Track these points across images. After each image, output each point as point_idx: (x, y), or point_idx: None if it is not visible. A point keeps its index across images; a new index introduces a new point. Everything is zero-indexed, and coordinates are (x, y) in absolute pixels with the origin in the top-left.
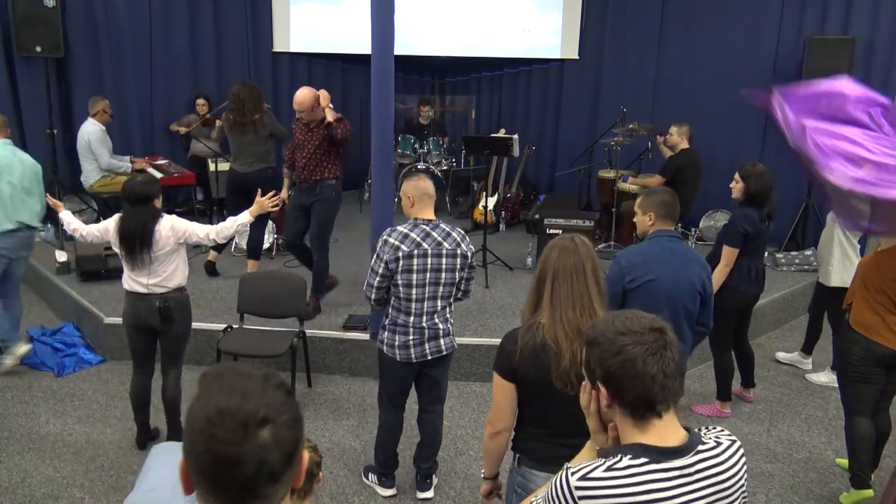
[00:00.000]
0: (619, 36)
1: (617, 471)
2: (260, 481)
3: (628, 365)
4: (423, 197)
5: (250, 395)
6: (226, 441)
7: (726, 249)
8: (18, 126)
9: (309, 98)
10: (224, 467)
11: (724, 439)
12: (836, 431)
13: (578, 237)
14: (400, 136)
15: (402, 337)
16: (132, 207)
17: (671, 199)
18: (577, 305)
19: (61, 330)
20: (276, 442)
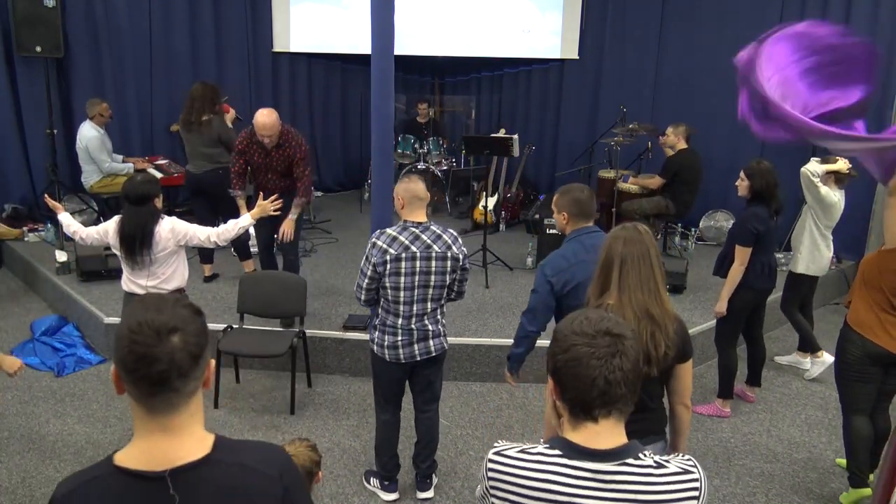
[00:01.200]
0: (619, 36)
1: (527, 454)
2: (172, 375)
3: (572, 364)
4: (412, 199)
5: (163, 311)
6: (144, 344)
7: (739, 249)
8: (18, 126)
9: (277, 122)
10: (143, 364)
11: (674, 465)
12: (836, 431)
13: (641, 226)
14: (400, 136)
15: (391, 337)
16: (132, 207)
17: (585, 195)
18: (644, 288)
19: (61, 330)
20: (183, 345)
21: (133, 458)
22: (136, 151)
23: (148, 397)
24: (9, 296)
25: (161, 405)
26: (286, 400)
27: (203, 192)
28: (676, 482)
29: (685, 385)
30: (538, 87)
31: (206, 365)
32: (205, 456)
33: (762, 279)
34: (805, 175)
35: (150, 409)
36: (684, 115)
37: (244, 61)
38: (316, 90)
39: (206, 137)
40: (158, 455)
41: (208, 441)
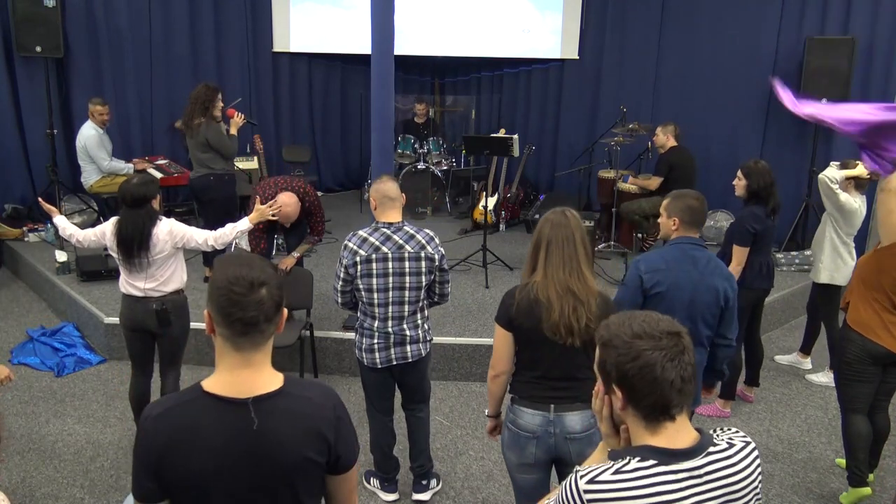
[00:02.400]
0: (619, 36)
1: (625, 473)
2: (260, 319)
3: (647, 370)
4: (383, 200)
5: (254, 268)
6: (240, 294)
7: (737, 249)
8: (18, 126)
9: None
10: (237, 309)
11: (738, 441)
12: (836, 431)
13: (569, 210)
14: (400, 136)
15: (368, 340)
16: (129, 210)
17: (699, 204)
18: (566, 268)
19: (61, 330)
20: (269, 296)
21: (220, 386)
22: (136, 151)
23: (239, 336)
24: (9, 296)
25: (247, 344)
26: None
27: (196, 197)
28: (748, 456)
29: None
30: (538, 87)
31: (282, 311)
32: (279, 388)
33: (760, 279)
34: (823, 182)
35: (237, 347)
36: (684, 115)
37: (244, 61)
38: (316, 90)
39: (198, 141)
40: (241, 385)
41: (280, 377)
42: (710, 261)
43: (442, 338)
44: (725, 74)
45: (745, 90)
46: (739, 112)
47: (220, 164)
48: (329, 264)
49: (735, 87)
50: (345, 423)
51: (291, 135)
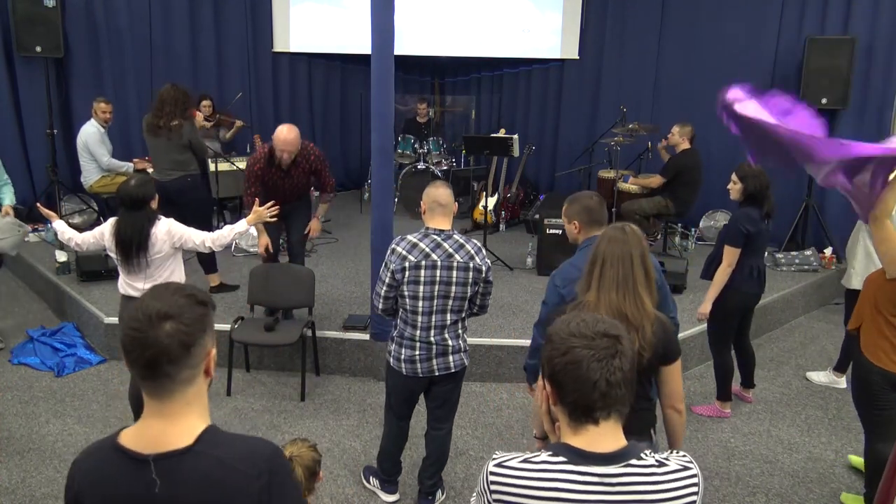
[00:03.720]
0: (619, 36)
1: (531, 464)
2: (161, 360)
3: (572, 367)
4: (433, 206)
5: (161, 298)
6: (136, 328)
7: (728, 249)
8: (18, 126)
9: (298, 138)
10: (135, 347)
11: (675, 462)
12: (836, 431)
13: (629, 226)
14: (400, 136)
15: (409, 351)
16: (128, 211)
17: (595, 203)
18: (620, 289)
19: (61, 330)
20: (174, 332)
21: (131, 437)
22: (135, 151)
23: (143, 380)
24: (9, 296)
25: (155, 389)
26: (290, 395)
27: (170, 201)
28: (678, 479)
29: (672, 388)
30: (538, 87)
31: (203, 354)
32: (187, 446)
33: (750, 283)
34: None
35: (147, 392)
36: (684, 116)
37: (244, 61)
38: (316, 90)
39: (176, 143)
40: (149, 438)
41: (195, 431)
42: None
43: None
44: (725, 74)
45: None
46: None
47: (194, 165)
48: (329, 264)
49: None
50: (277, 492)
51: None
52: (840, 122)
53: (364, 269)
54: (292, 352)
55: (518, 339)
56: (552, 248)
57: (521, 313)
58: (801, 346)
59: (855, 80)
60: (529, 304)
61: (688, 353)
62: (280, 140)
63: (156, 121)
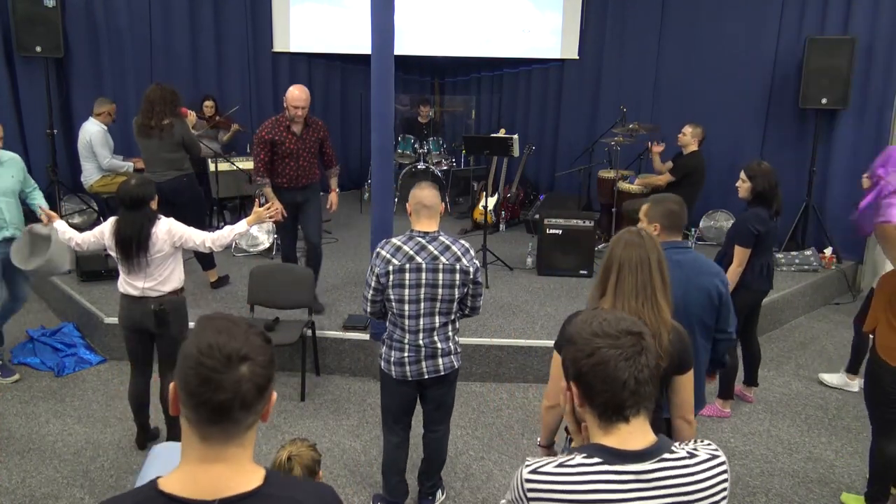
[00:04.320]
0: (619, 36)
1: (567, 468)
2: (234, 405)
3: (600, 368)
4: (417, 207)
5: (235, 336)
6: (212, 369)
7: (739, 250)
8: (18, 126)
9: (307, 93)
10: (207, 390)
11: (703, 452)
12: (836, 431)
13: (645, 231)
14: (400, 136)
15: (398, 353)
16: (128, 212)
17: (679, 208)
18: (639, 296)
19: (61, 330)
20: (251, 376)
21: (181, 483)
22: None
23: (206, 424)
24: None
25: (217, 434)
26: (290, 395)
27: (167, 201)
28: (710, 468)
29: (684, 398)
30: (538, 87)
31: (269, 397)
32: (257, 488)
33: (760, 280)
34: None
35: (204, 437)
36: (684, 115)
37: (244, 61)
38: (316, 90)
39: (169, 142)
40: (208, 484)
41: (259, 474)
42: (696, 260)
43: None
44: (725, 74)
45: (745, 90)
46: (739, 112)
47: (188, 163)
48: (328, 264)
49: (735, 88)
50: None
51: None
52: (840, 122)
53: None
54: (292, 352)
55: (518, 339)
56: (552, 248)
57: (521, 313)
58: (801, 346)
59: (855, 80)
60: (529, 304)
61: None
62: (294, 98)
63: (146, 121)
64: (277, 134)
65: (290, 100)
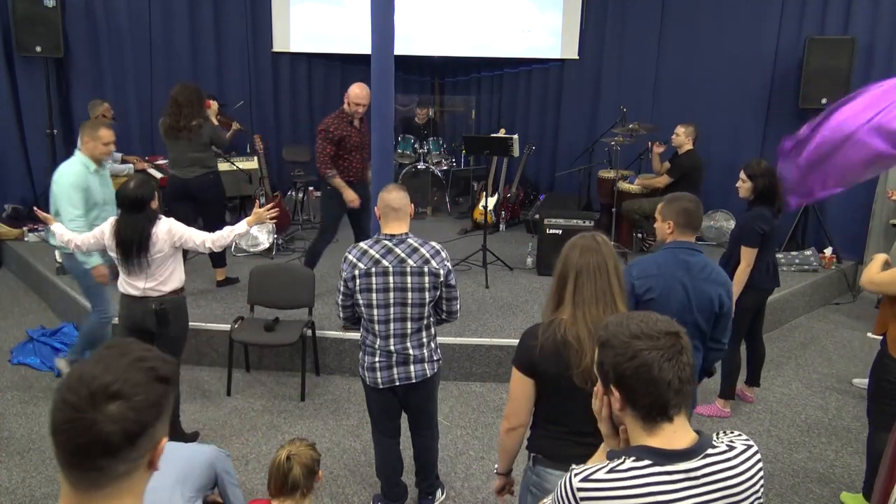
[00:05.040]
0: (619, 36)
1: (619, 472)
2: (94, 451)
3: (644, 370)
4: (385, 210)
5: (111, 369)
6: (72, 405)
7: (745, 250)
8: (18, 126)
9: (368, 91)
10: (65, 429)
11: (739, 444)
12: (836, 431)
13: (600, 235)
14: (400, 136)
15: (370, 358)
16: (128, 213)
17: (695, 207)
18: (600, 302)
19: (61, 330)
20: (119, 418)
21: None
22: (135, 151)
23: (67, 468)
24: (9, 296)
25: (82, 481)
26: (291, 395)
27: (191, 197)
28: (749, 458)
29: None
30: (538, 87)
31: (151, 445)
32: None
33: (767, 278)
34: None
35: (72, 482)
36: (684, 115)
37: (244, 61)
38: (316, 90)
39: (197, 143)
40: None
41: None
42: (706, 266)
43: (441, 338)
44: (725, 74)
45: (746, 90)
46: (739, 112)
47: (213, 161)
48: (329, 265)
49: (735, 87)
50: None
51: (291, 135)
52: None
53: None
54: (292, 352)
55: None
56: (552, 248)
57: (521, 313)
58: (802, 346)
59: (855, 80)
60: (529, 304)
61: None
62: (357, 96)
63: (175, 123)
64: (344, 129)
65: (354, 98)
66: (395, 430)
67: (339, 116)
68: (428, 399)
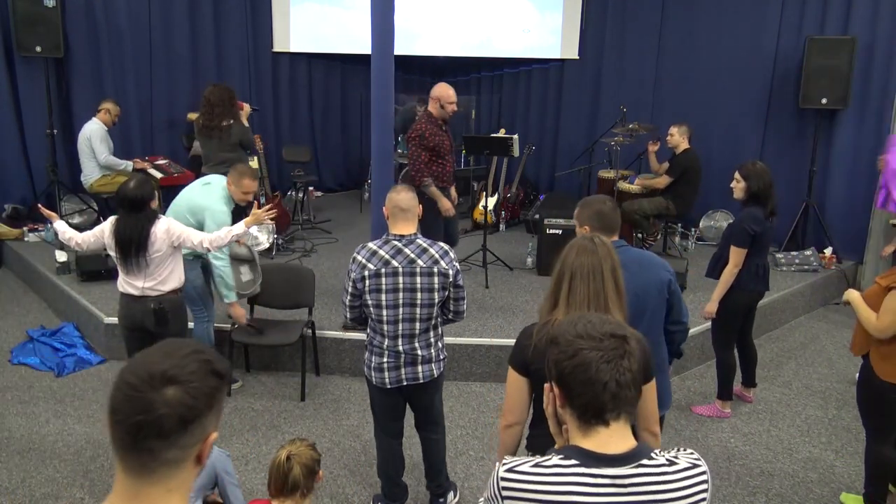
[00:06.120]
0: (619, 36)
1: (542, 468)
2: (149, 432)
3: (581, 370)
4: (394, 211)
5: (170, 357)
6: (132, 386)
7: (735, 250)
8: (18, 126)
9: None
10: (123, 408)
11: (684, 461)
12: (836, 431)
13: (598, 237)
14: (400, 136)
15: (377, 358)
16: (128, 213)
17: (609, 208)
18: (592, 305)
19: (61, 330)
20: (174, 401)
21: None
22: (136, 151)
23: (120, 449)
24: (9, 296)
25: (134, 464)
26: (290, 395)
27: None
28: (689, 477)
29: (649, 409)
30: (538, 87)
31: (202, 435)
32: None
33: (755, 281)
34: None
35: (124, 467)
36: (684, 116)
37: (244, 61)
38: (316, 90)
39: (227, 143)
40: None
41: None
42: (639, 256)
43: None
44: (725, 74)
45: (745, 90)
46: (739, 112)
47: (243, 160)
48: (329, 264)
49: (735, 88)
50: None
51: (291, 135)
52: (840, 122)
53: None
54: (292, 352)
55: None
56: (552, 248)
57: (521, 313)
58: (801, 346)
59: (855, 80)
60: (529, 304)
61: (688, 352)
62: (451, 95)
63: (207, 122)
64: (437, 134)
65: (447, 98)
66: (399, 431)
67: (430, 121)
68: (434, 398)
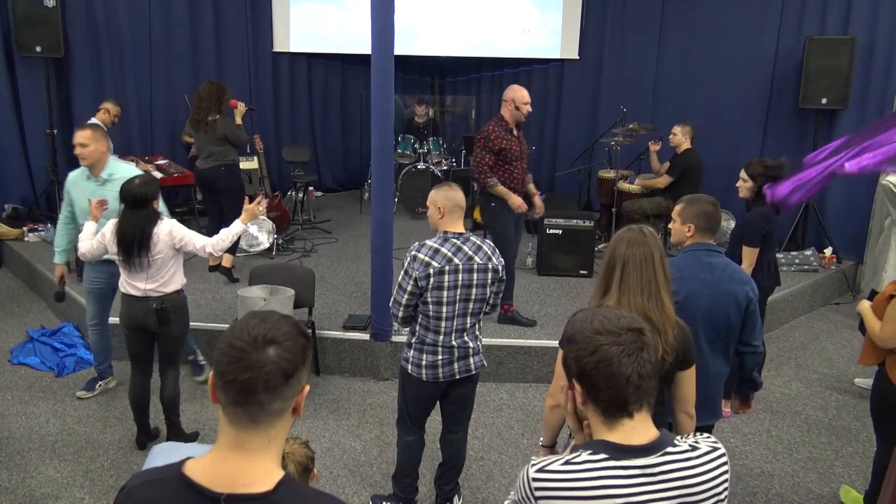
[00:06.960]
0: (619, 36)
1: (574, 465)
2: (259, 387)
3: (603, 365)
4: (454, 209)
5: (266, 321)
6: (239, 349)
7: (747, 250)
8: (18, 126)
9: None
10: (234, 369)
11: (704, 445)
12: (836, 431)
13: (646, 228)
14: (400, 136)
15: (431, 357)
16: (131, 210)
17: (714, 210)
18: (645, 292)
19: (61, 330)
20: (277, 359)
21: (200, 470)
22: (136, 151)
23: (232, 405)
24: (9, 296)
25: (243, 417)
26: None
27: (208, 187)
28: (712, 460)
29: (686, 393)
30: (538, 87)
31: (298, 388)
32: (266, 491)
33: (769, 277)
34: (888, 188)
35: (232, 420)
36: (684, 115)
37: (244, 61)
38: (316, 90)
39: (213, 136)
40: (223, 474)
41: (275, 476)
42: (728, 266)
43: None
44: (725, 74)
45: (746, 90)
46: (739, 112)
47: (231, 155)
48: (329, 264)
49: (735, 88)
50: None
51: (291, 135)
52: (840, 122)
53: (364, 269)
54: None
55: (518, 339)
56: (552, 248)
57: (521, 313)
58: (802, 346)
59: (855, 80)
60: (530, 304)
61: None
62: (524, 96)
63: (196, 116)
64: (504, 138)
65: (520, 99)
66: (425, 425)
67: (499, 124)
68: (473, 390)
